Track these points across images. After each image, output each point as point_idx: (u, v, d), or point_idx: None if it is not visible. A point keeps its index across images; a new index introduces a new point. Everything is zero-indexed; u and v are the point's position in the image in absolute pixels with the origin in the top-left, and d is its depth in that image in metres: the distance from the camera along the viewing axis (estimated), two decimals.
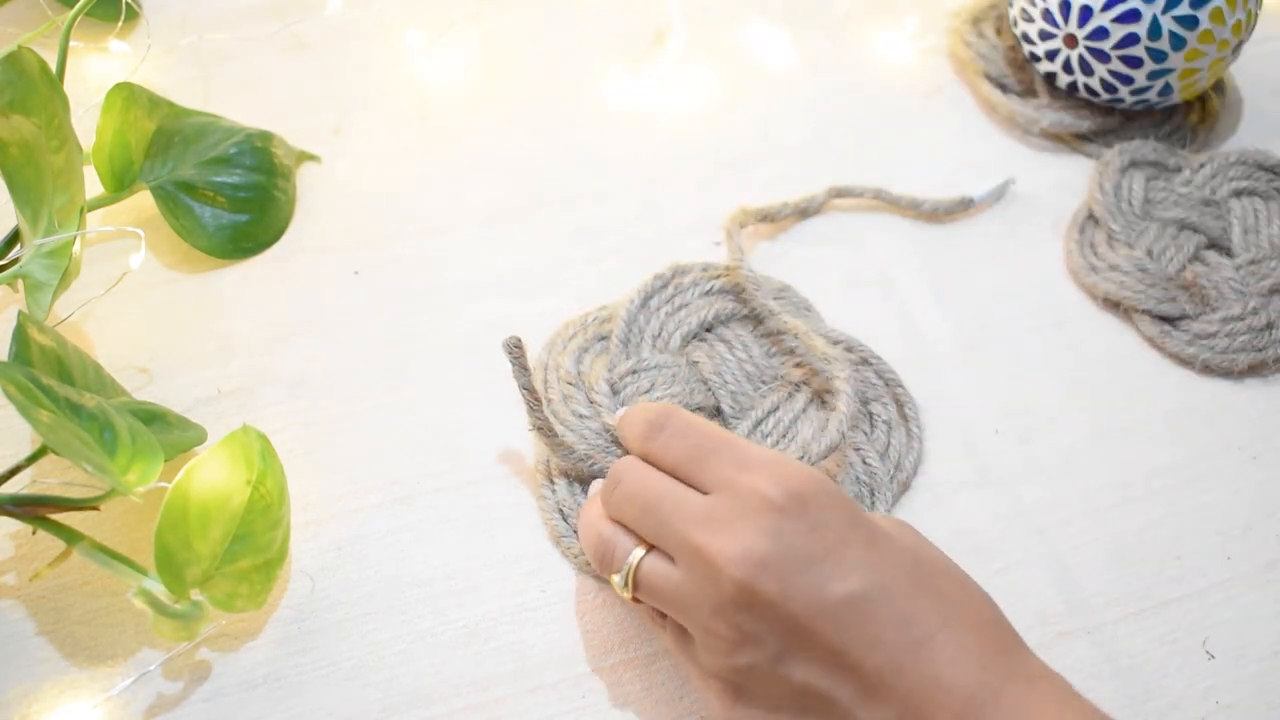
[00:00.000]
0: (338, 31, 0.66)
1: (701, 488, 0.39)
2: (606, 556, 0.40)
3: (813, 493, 0.37)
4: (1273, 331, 0.55)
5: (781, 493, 0.37)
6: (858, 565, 0.36)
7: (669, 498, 0.39)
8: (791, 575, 0.36)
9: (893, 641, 0.35)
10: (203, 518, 0.40)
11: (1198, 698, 0.45)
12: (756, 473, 0.38)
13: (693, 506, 0.38)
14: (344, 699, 0.42)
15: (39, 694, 0.42)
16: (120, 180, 0.52)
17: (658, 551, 0.39)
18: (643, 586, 0.39)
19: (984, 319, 0.56)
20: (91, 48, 0.62)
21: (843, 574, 0.36)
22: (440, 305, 0.54)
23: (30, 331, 0.43)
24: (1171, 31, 0.58)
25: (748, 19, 0.69)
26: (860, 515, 0.38)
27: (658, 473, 0.40)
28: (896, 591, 0.36)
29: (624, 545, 0.40)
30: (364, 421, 0.50)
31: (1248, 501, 0.50)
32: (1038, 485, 0.50)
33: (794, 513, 0.37)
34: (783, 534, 0.36)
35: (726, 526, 0.37)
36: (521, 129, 0.62)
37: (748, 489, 0.37)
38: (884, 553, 0.37)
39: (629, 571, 0.39)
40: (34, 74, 0.45)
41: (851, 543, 0.37)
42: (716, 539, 0.37)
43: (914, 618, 0.36)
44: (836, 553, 0.36)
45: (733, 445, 0.39)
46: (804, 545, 0.36)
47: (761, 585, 0.36)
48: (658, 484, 0.40)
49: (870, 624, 0.36)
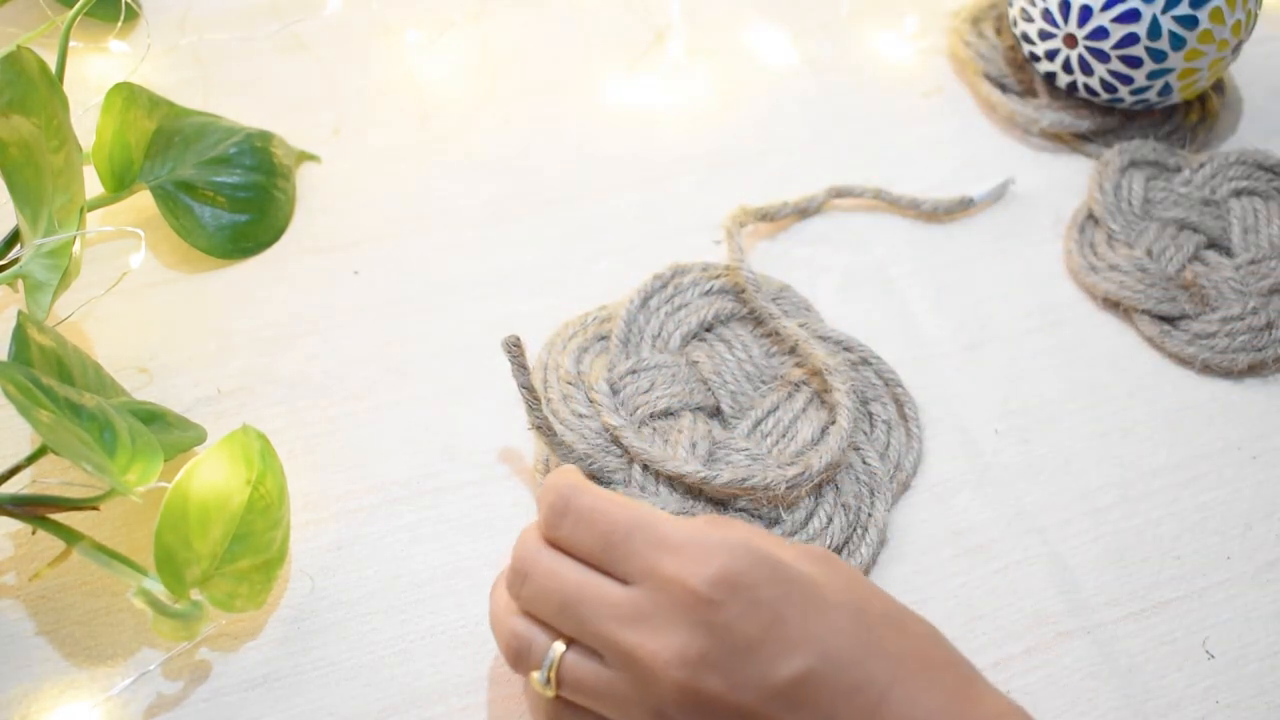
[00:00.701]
0: (338, 31, 0.66)
1: (620, 578, 0.36)
2: (522, 653, 0.37)
3: (740, 570, 0.35)
4: (1272, 331, 0.55)
5: (707, 580, 0.35)
6: (799, 641, 0.35)
7: (587, 595, 0.36)
8: (734, 668, 0.34)
9: (846, 712, 0.34)
10: (202, 518, 0.40)
11: (1198, 698, 0.45)
12: (678, 557, 0.35)
13: (614, 603, 0.36)
14: (344, 699, 0.42)
15: (39, 694, 0.42)
16: (120, 180, 0.52)
17: (579, 646, 0.37)
18: (568, 684, 0.36)
19: (984, 319, 0.56)
20: (91, 48, 0.62)
21: (786, 654, 0.34)
22: (440, 305, 0.54)
23: (30, 331, 0.43)
24: (1171, 31, 0.58)
25: (748, 19, 0.69)
26: (792, 578, 0.36)
27: (568, 563, 0.37)
28: (842, 659, 0.35)
29: (541, 641, 0.37)
30: (364, 421, 0.50)
31: (1247, 501, 0.50)
32: (1038, 485, 0.50)
33: (724, 599, 0.34)
34: (716, 626, 0.34)
35: (656, 625, 0.35)
36: (521, 129, 0.62)
37: (671, 579, 0.35)
38: (822, 618, 0.35)
39: (551, 669, 0.36)
40: (34, 74, 0.45)
41: (788, 617, 0.35)
42: (648, 640, 0.35)
43: (863, 683, 0.35)
44: (775, 632, 0.35)
45: (645, 526, 0.36)
46: (741, 633, 0.34)
47: (704, 684, 0.34)
48: (571, 578, 0.37)
49: (822, 699, 0.34)
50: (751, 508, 0.47)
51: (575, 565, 0.37)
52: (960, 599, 0.47)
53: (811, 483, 0.47)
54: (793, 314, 0.54)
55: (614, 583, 0.36)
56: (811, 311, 0.55)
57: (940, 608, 0.46)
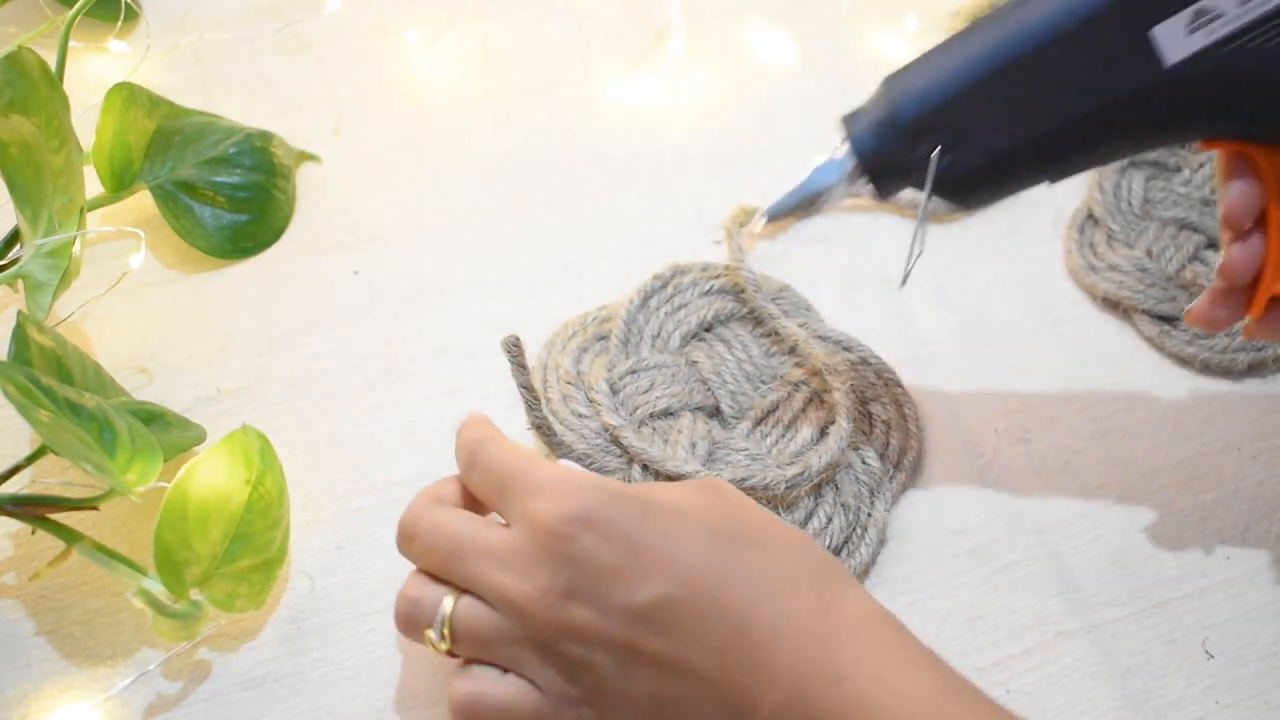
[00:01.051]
0: (338, 31, 0.66)
1: (506, 523, 0.38)
2: (413, 615, 0.39)
3: (594, 505, 0.36)
4: None
5: (561, 516, 0.36)
6: (656, 566, 0.36)
7: (469, 541, 0.38)
8: (598, 596, 0.36)
9: (713, 632, 0.35)
10: (202, 517, 0.40)
11: (1198, 698, 0.45)
12: (541, 498, 0.37)
13: (493, 547, 0.37)
14: (344, 699, 0.42)
15: (38, 694, 0.42)
16: (120, 180, 0.52)
17: (470, 596, 0.38)
18: (461, 636, 0.38)
19: (984, 318, 0.56)
20: (91, 48, 0.62)
21: (643, 580, 0.36)
22: (440, 305, 0.54)
23: (30, 331, 0.43)
24: None
25: (748, 19, 0.69)
26: (651, 508, 0.37)
27: (453, 513, 0.39)
28: (701, 581, 0.36)
29: (431, 599, 0.38)
30: (364, 421, 0.50)
31: (1247, 501, 0.50)
32: (1038, 485, 0.50)
33: (577, 533, 0.36)
34: (575, 559, 0.36)
35: (526, 564, 0.36)
36: (521, 129, 0.62)
37: (534, 518, 0.37)
38: (681, 542, 0.36)
39: (444, 624, 0.38)
40: (34, 74, 0.45)
41: (645, 544, 0.36)
42: (519, 579, 0.36)
43: (724, 602, 0.35)
44: (631, 559, 0.36)
45: (526, 471, 0.38)
46: (599, 563, 0.36)
47: (573, 616, 0.36)
48: (453, 527, 0.39)
49: (685, 621, 0.35)
50: None
51: (460, 515, 0.39)
52: (960, 599, 0.47)
53: (811, 483, 0.47)
54: (793, 314, 0.54)
55: (497, 527, 0.38)
56: (811, 311, 0.55)
57: (940, 608, 0.46)
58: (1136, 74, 0.39)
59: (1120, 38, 0.39)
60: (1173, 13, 0.38)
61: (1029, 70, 0.39)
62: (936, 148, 0.40)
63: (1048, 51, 0.39)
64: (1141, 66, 0.39)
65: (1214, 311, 0.43)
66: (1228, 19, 0.38)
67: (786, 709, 0.34)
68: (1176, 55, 0.38)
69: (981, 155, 0.41)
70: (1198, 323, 0.44)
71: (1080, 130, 0.40)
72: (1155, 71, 0.39)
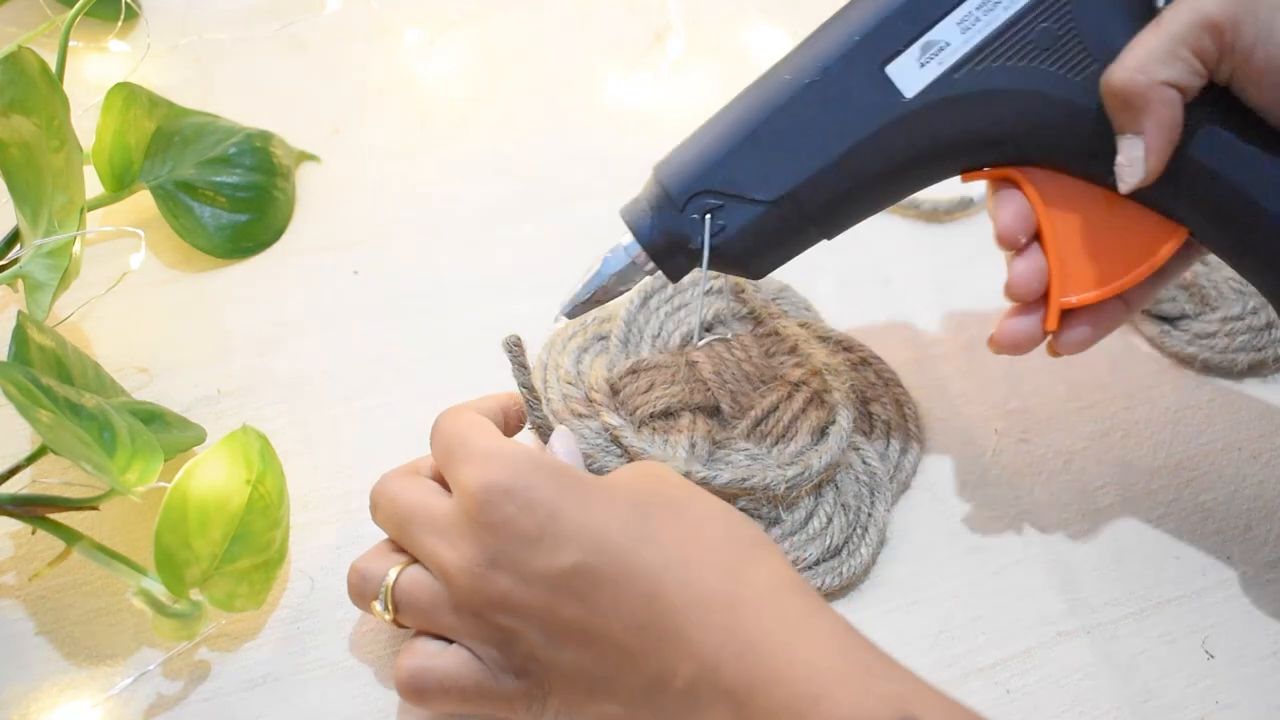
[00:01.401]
0: (337, 31, 0.66)
1: (451, 490, 0.40)
2: (360, 587, 0.41)
3: (514, 475, 0.37)
4: (1272, 331, 0.54)
5: (484, 486, 0.37)
6: (572, 534, 0.37)
7: (416, 509, 0.40)
8: (517, 564, 0.37)
9: (627, 600, 0.36)
10: (202, 517, 0.40)
11: (1198, 698, 0.45)
12: (472, 466, 0.38)
13: (435, 515, 0.39)
14: (344, 699, 0.42)
15: (38, 694, 0.42)
16: (120, 180, 0.52)
17: (417, 566, 0.40)
18: (403, 605, 0.39)
19: (984, 319, 0.56)
20: (91, 48, 0.62)
21: (560, 547, 0.36)
22: (440, 305, 0.54)
23: (30, 331, 0.43)
24: None
25: (748, 19, 0.69)
26: (572, 480, 0.38)
27: (411, 484, 0.41)
28: (615, 548, 0.36)
29: (377, 570, 0.40)
30: (364, 421, 0.50)
31: (1248, 501, 0.50)
32: (1038, 485, 0.50)
33: (498, 501, 0.37)
34: (495, 527, 0.37)
35: (456, 533, 0.38)
36: (521, 129, 0.62)
37: (464, 486, 0.38)
38: (597, 513, 0.37)
39: (386, 592, 0.39)
40: (34, 74, 0.45)
41: (564, 514, 0.37)
42: (445, 545, 0.38)
43: (638, 569, 0.36)
44: (549, 527, 0.37)
45: (466, 441, 0.39)
46: (517, 531, 0.37)
47: (494, 583, 0.37)
48: (406, 497, 0.40)
49: (601, 588, 0.36)
50: (752, 507, 0.47)
51: (418, 485, 0.41)
52: (960, 599, 0.47)
53: (810, 483, 0.47)
54: (793, 314, 0.54)
55: (445, 497, 0.40)
56: (811, 311, 0.55)
57: (940, 608, 0.46)
58: (881, 111, 0.40)
59: (860, 80, 0.40)
60: (902, 49, 0.40)
61: (781, 124, 0.41)
62: (707, 214, 0.42)
63: (796, 103, 0.41)
64: (884, 103, 0.40)
65: (1013, 332, 0.43)
66: (954, 48, 0.40)
67: (698, 680, 0.34)
68: (914, 88, 0.40)
69: (750, 215, 0.42)
70: (1003, 347, 0.44)
71: (838, 175, 0.41)
72: (898, 107, 0.40)
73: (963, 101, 0.40)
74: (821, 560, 0.46)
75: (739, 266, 0.43)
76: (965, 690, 0.44)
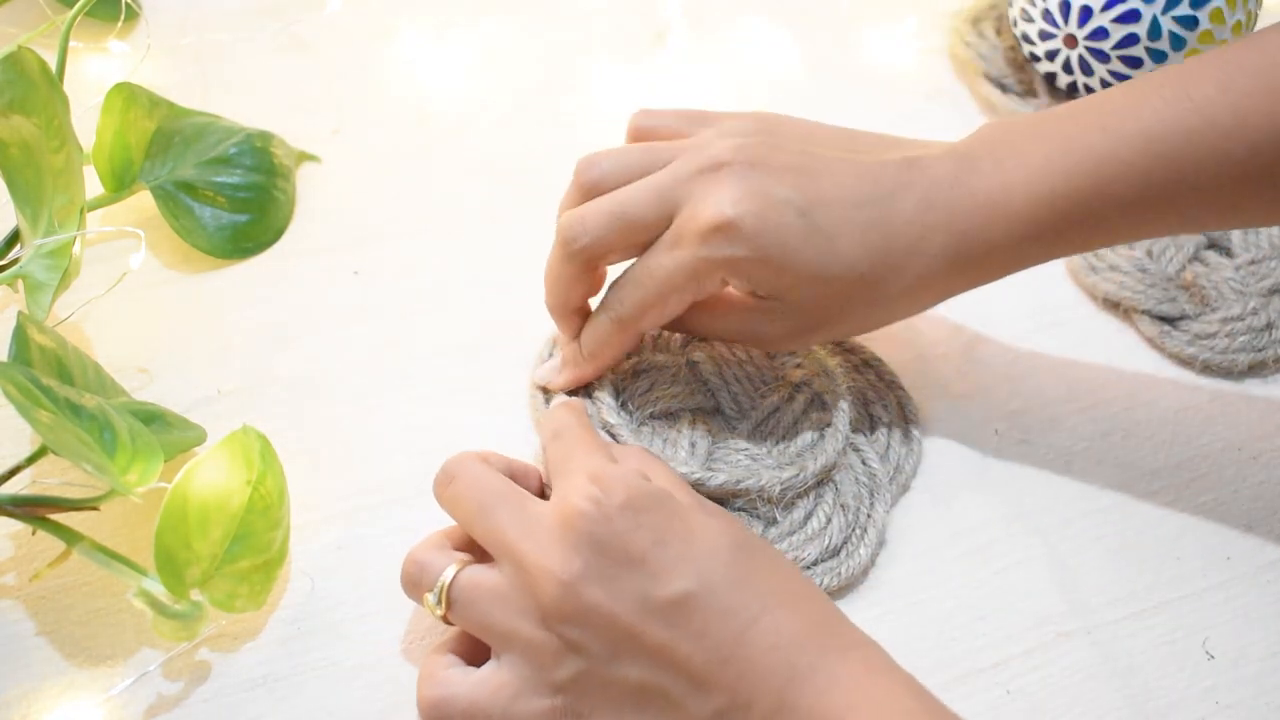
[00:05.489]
0: (338, 31, 0.66)
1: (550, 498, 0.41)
2: (416, 577, 0.41)
3: (628, 497, 0.38)
4: (1272, 332, 0.55)
5: (595, 498, 0.38)
6: (681, 564, 0.38)
7: (504, 499, 0.40)
8: (615, 580, 0.37)
9: (717, 633, 0.37)
10: (202, 518, 0.40)
11: (1198, 698, 0.45)
12: (583, 479, 0.39)
13: (523, 510, 0.39)
14: (344, 699, 0.42)
15: (39, 694, 0.42)
16: (120, 180, 0.52)
17: (478, 566, 0.40)
18: (458, 602, 0.39)
19: (984, 319, 0.56)
20: (91, 48, 0.62)
21: (669, 574, 0.37)
22: (440, 305, 0.54)
23: (30, 331, 0.43)
24: (1171, 32, 0.58)
25: (748, 19, 0.69)
26: (678, 511, 0.39)
27: (495, 473, 0.41)
28: (719, 586, 0.37)
29: (437, 564, 0.40)
30: (364, 421, 0.50)
31: (1248, 501, 0.50)
32: (1038, 485, 0.50)
33: (613, 516, 0.38)
34: (598, 539, 0.37)
35: (548, 537, 0.38)
36: (521, 129, 0.62)
37: (569, 497, 0.39)
38: (703, 546, 0.38)
39: (443, 589, 0.40)
40: (34, 74, 0.45)
41: (671, 542, 0.38)
42: (533, 546, 0.38)
43: (737, 608, 0.37)
44: (657, 552, 0.38)
45: (589, 454, 0.41)
46: (623, 549, 0.38)
47: (583, 596, 0.37)
48: (495, 485, 0.41)
49: (696, 619, 0.37)
50: (749, 508, 0.47)
51: (503, 477, 0.41)
52: (960, 599, 0.47)
53: (806, 485, 0.47)
54: None
55: (534, 498, 0.41)
56: None
57: (940, 608, 0.46)
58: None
59: None
60: None
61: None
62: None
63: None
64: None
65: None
66: None
67: (776, 713, 0.36)
68: None
69: None
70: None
71: None
72: None
73: None
74: (820, 560, 0.46)
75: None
76: (965, 690, 0.44)
